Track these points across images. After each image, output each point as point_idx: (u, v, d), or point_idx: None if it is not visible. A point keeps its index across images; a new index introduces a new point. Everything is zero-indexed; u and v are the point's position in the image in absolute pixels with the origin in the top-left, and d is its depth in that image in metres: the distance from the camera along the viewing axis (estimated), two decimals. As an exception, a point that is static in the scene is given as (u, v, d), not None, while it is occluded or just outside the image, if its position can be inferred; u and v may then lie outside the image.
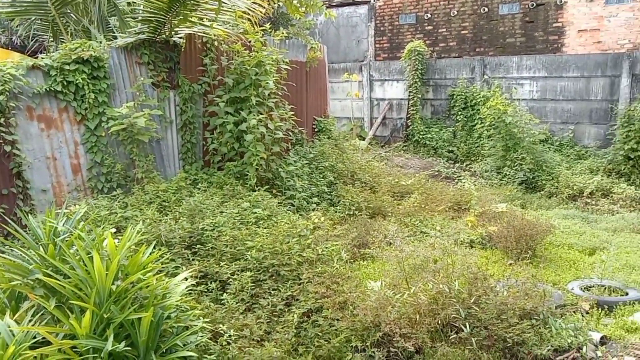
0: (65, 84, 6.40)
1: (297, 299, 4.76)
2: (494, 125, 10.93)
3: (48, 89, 6.29)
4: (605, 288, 5.47)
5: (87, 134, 6.68)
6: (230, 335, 3.95)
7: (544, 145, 11.27)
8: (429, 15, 14.70)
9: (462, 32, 14.26)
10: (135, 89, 6.98)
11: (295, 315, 4.38)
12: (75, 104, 6.54)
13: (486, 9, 13.67)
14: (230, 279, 4.85)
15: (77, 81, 6.44)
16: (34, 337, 3.25)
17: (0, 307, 3.59)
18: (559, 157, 11.15)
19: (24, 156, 6.09)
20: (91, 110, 6.63)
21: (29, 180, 6.19)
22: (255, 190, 7.03)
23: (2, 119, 5.83)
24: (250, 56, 7.56)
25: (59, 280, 3.31)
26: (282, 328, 4.30)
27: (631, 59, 10.86)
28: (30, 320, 3.41)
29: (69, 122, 6.57)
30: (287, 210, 7.04)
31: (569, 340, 4.41)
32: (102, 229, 4.34)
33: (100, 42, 6.97)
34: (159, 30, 7.16)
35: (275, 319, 4.50)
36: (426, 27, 14.86)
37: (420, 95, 13.83)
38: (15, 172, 6.04)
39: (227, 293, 4.66)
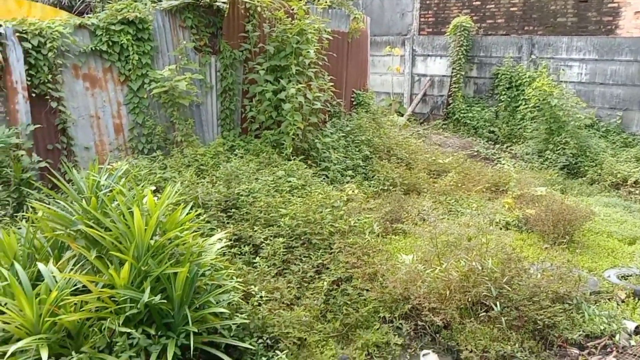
0: (110, 44, 6.50)
1: (328, 268, 4.81)
2: (538, 106, 10.61)
3: (94, 48, 6.41)
4: (643, 278, 5.32)
5: (129, 94, 6.80)
6: (261, 297, 4.02)
7: (589, 131, 10.89)
8: (478, -9, 14.26)
9: (511, 9, 13.78)
10: (178, 52, 7.04)
11: (325, 283, 4.43)
12: (119, 64, 6.65)
13: (538, -14, 13.16)
14: (263, 244, 4.92)
15: (122, 42, 6.54)
16: (75, 285, 3.39)
17: (44, 255, 3.74)
18: (604, 143, 10.78)
19: (69, 113, 6.26)
20: (134, 71, 6.74)
21: (73, 137, 6.36)
22: (290, 160, 7.06)
23: (50, 76, 5.98)
24: (292, 24, 7.51)
25: (100, 232, 3.42)
26: (312, 294, 4.35)
27: (690, 43, 10.33)
28: (71, 269, 3.55)
29: (112, 82, 6.70)
30: (321, 181, 7.06)
31: (602, 327, 4.33)
32: (142, 187, 4.45)
33: (146, 4, 7.02)
34: (203, -6, 7.18)
35: (306, 285, 4.56)
36: (474, 3, 14.42)
37: (463, 73, 13.51)
38: (60, 129, 6.22)
39: (259, 257, 4.73)
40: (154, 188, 4.66)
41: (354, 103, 10.42)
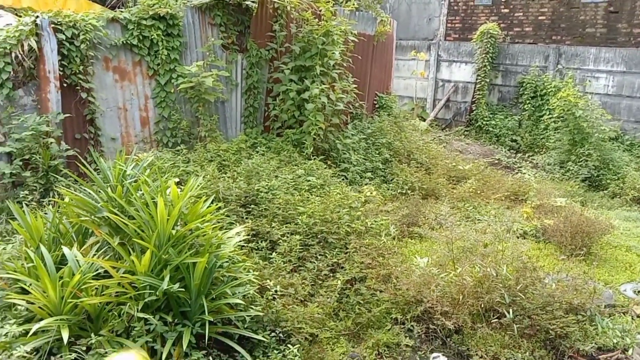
0: (141, 38, 6.65)
1: (342, 267, 4.87)
2: (562, 117, 10.52)
3: (125, 42, 6.56)
4: (661, 294, 5.27)
5: (157, 88, 6.95)
6: (276, 291, 4.10)
7: (613, 144, 10.76)
8: (506, -2, 14.17)
9: (540, 17, 13.68)
10: (206, 49, 7.17)
11: (339, 282, 4.49)
12: (149, 58, 6.80)
13: (568, -4, 13.04)
14: (280, 240, 5.00)
15: (152, 37, 6.68)
16: (97, 270, 3.51)
17: (69, 240, 3.88)
18: (628, 157, 10.64)
19: (97, 104, 6.42)
20: (163, 66, 6.88)
21: (100, 128, 6.53)
22: (310, 159, 7.14)
23: (81, 67, 6.15)
24: (319, 25, 7.59)
25: (124, 220, 3.54)
26: (326, 292, 4.42)
27: None
28: (94, 255, 3.68)
29: (141, 76, 6.85)
30: (340, 181, 7.12)
31: (615, 341, 4.32)
32: (166, 179, 4.56)
33: (177, 1, 7.17)
34: (233, -7, 7.30)
35: (320, 282, 4.63)
36: (502, 10, 14.34)
37: (488, 80, 13.45)
38: (88, 119, 6.38)
39: (276, 253, 4.81)
40: (177, 180, 4.77)
41: (377, 106, 10.46)
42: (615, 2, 12.36)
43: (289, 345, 3.65)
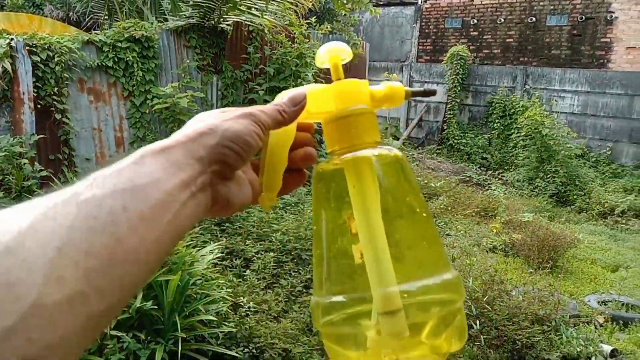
0: (116, 60, 6.74)
1: (316, 283, 4.95)
2: (530, 135, 10.86)
3: (100, 64, 6.64)
4: (622, 304, 5.48)
5: (132, 109, 7.02)
6: (249, 308, 4.17)
7: (579, 160, 11.13)
8: (475, 21, 14.63)
9: (507, 40, 14.15)
10: (181, 70, 7.28)
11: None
12: (124, 80, 6.88)
13: (534, 19, 13.54)
14: (254, 258, 5.07)
15: (128, 58, 6.77)
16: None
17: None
18: (594, 173, 11.01)
19: (72, 125, 6.45)
20: (138, 87, 6.96)
21: (74, 148, 6.55)
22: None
23: (56, 88, 6.19)
24: (292, 47, 7.77)
25: (98, 239, 3.58)
26: (299, 308, 4.50)
27: (679, 80, 10.64)
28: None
29: (116, 97, 6.92)
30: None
31: (579, 349, 4.47)
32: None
33: (152, 23, 7.29)
34: (208, 16, 7.44)
35: (293, 298, 4.70)
36: (471, 33, 14.80)
37: (458, 100, 13.81)
38: (62, 140, 6.41)
39: (250, 270, 4.89)
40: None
41: (351, 125, 10.64)
42: (578, 26, 12.88)
43: (262, 361, 3.71)
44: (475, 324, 4.21)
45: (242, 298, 4.28)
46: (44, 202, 0.38)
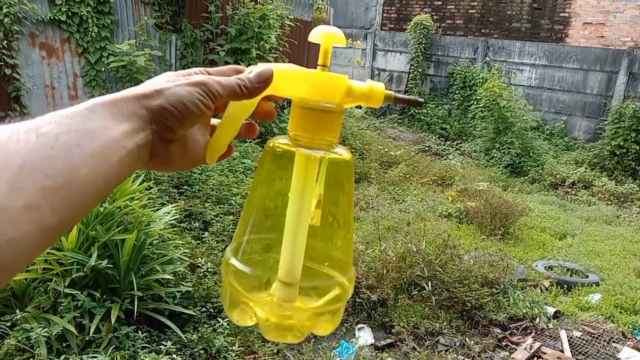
0: (69, 14, 6.45)
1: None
2: (488, 107, 11.06)
3: (52, 18, 6.34)
4: (567, 269, 5.75)
5: (87, 67, 6.77)
6: (207, 269, 4.17)
7: (534, 133, 11.45)
8: (440, -9, 14.64)
9: (470, 10, 14.24)
10: (138, 27, 7.04)
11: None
12: (78, 35, 6.61)
13: (497, -9, 13.64)
14: (213, 220, 5.06)
15: (82, 13, 6.49)
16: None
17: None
18: (548, 145, 11.37)
19: (23, 81, 6.19)
20: (93, 44, 6.70)
21: (26, 106, 6.30)
22: (246, 142, 7.19)
23: (5, 42, 5.90)
24: (255, 8, 7.61)
25: (50, 197, 3.49)
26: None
27: (630, 57, 10.99)
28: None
29: (70, 54, 6.65)
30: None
31: (524, 311, 4.70)
32: (95, 157, 4.50)
33: (108, -23, 6.98)
34: (167, -28, 7.19)
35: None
36: (435, 2, 14.81)
37: (421, 70, 13.89)
38: (13, 96, 6.14)
39: (208, 232, 4.87)
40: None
41: (313, 92, 10.58)
42: (539, -1, 13.07)
43: (219, 319, 3.75)
44: (427, 286, 4.36)
45: (200, 259, 4.28)
46: (8, 128, 0.43)
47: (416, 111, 13.58)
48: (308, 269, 0.62)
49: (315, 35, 0.61)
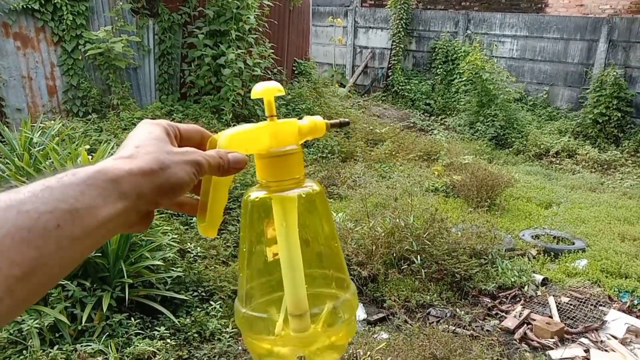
0: (42, 2, 6.31)
1: (264, 227, 4.99)
2: (471, 80, 11.06)
3: (25, 7, 6.20)
4: (554, 237, 5.84)
5: (63, 56, 6.65)
6: (197, 254, 4.17)
7: (517, 104, 11.49)
8: (419, -35, 14.50)
9: (450, -16, 14.14)
10: (114, 13, 6.91)
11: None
12: (53, 24, 6.48)
13: (476, -37, 13.55)
14: (200, 205, 5.03)
15: (55, 1, 6.35)
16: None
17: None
18: (531, 116, 11.42)
19: (-2, 73, 6.07)
20: (68, 32, 6.58)
21: (3, 98, 6.19)
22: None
23: (-23, 33, 5.77)
24: (233, -11, 7.50)
25: (33, 188, 3.45)
26: (247, 251, 4.54)
27: (610, 24, 11.02)
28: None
29: (45, 43, 6.52)
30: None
31: (513, 280, 4.77)
32: (77, 146, 4.45)
33: (80, -38, 6.82)
34: (140, -45, 7.04)
35: (241, 243, 4.73)
36: (415, -23, 14.67)
37: (403, 46, 13.82)
38: (-11, 89, 6.04)
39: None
40: (87, 147, 4.66)
41: (296, 72, 10.52)
42: (518, -30, 12.99)
43: (211, 302, 3.76)
44: (417, 259, 4.40)
45: (189, 244, 4.28)
46: None
47: (400, 87, 13.54)
48: (312, 296, 0.66)
49: (258, 90, 0.65)
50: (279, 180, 0.65)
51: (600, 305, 4.53)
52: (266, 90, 0.65)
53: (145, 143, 0.53)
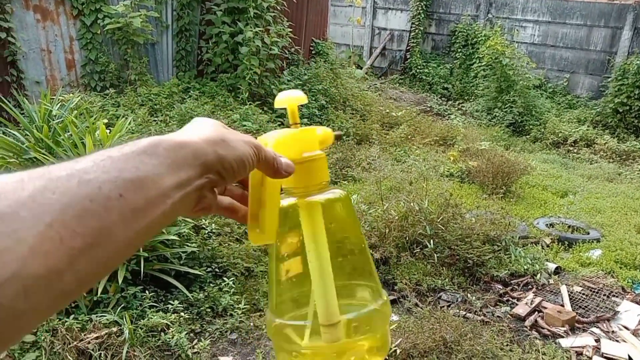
0: (62, -25, 6.31)
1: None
2: (490, 65, 10.91)
3: (45, -21, 6.21)
4: (569, 226, 5.79)
5: (82, 29, 6.66)
6: (212, 230, 4.21)
7: (537, 91, 11.33)
8: (441, -54, 14.23)
9: (473, -34, 13.86)
10: (134, -12, 6.89)
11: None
12: (72, -3, 6.48)
13: (500, -55, 13.25)
14: (215, 182, 5.06)
15: (75, -27, 6.35)
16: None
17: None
18: (550, 104, 11.26)
19: (18, 45, 6.10)
20: (88, 5, 6.58)
21: (23, 70, 6.23)
22: (246, 104, 7.14)
23: (-2, 4, 5.80)
24: (252, -35, 7.43)
25: (52, 160, 3.49)
26: (261, 230, 4.57)
27: (636, 11, 10.76)
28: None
29: (65, 16, 6.53)
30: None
31: (526, 267, 4.75)
32: (95, 120, 4.48)
33: None
34: None
35: (255, 221, 4.76)
36: (437, -42, 14.41)
37: (422, 28, 13.64)
38: (9, 61, 6.07)
39: (211, 194, 4.88)
40: (105, 121, 4.69)
41: (313, 52, 10.45)
42: (544, -47, 12.69)
43: (224, 279, 3.80)
44: (430, 243, 4.40)
45: (204, 221, 4.31)
46: (51, 172, 0.39)
47: (418, 70, 13.40)
48: (343, 306, 0.65)
49: (281, 99, 0.66)
50: (304, 186, 0.65)
51: (613, 295, 4.50)
52: (289, 99, 0.66)
53: (202, 124, 0.53)
